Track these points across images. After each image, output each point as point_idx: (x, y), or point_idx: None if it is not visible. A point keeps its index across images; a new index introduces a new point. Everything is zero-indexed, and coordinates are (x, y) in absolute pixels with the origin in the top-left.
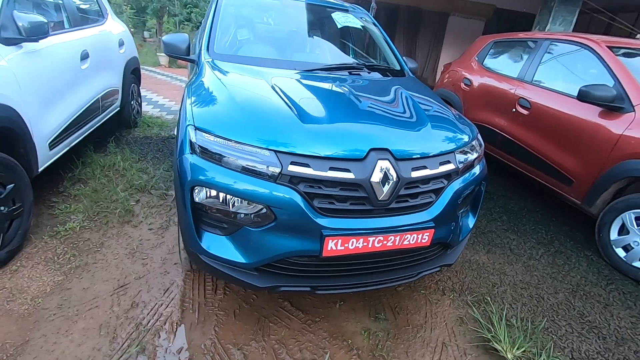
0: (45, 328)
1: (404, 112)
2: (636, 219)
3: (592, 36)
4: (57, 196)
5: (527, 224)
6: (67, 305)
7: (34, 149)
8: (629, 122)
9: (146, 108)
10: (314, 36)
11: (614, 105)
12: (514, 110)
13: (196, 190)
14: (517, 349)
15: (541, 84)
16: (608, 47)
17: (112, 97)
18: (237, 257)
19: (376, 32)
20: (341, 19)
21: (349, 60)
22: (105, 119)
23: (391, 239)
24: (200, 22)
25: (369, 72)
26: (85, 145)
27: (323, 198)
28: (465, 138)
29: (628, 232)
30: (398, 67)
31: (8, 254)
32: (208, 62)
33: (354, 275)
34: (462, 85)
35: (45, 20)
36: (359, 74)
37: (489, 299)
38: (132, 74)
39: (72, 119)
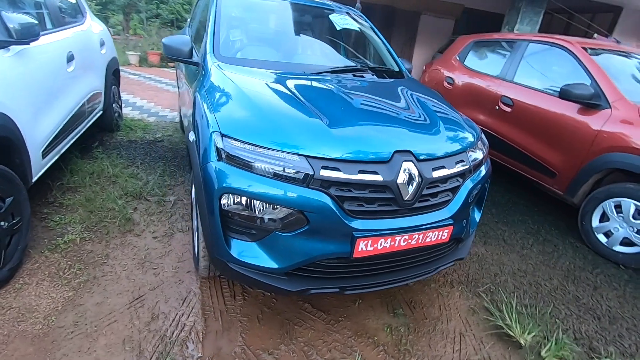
0: (66, 347)
1: (417, 114)
2: (615, 207)
3: (568, 37)
4: (47, 207)
5: (515, 215)
6: (83, 322)
7: (28, 159)
8: (606, 118)
9: (125, 110)
10: (315, 38)
11: (592, 103)
12: (497, 107)
13: (224, 198)
14: (528, 334)
15: (522, 83)
16: (583, 47)
17: (96, 100)
18: (268, 262)
19: (373, 33)
20: (339, 21)
21: (353, 62)
22: (90, 124)
23: (415, 237)
24: (172, 19)
25: (372, 74)
26: (71, 152)
27: (352, 200)
28: (473, 137)
29: (608, 220)
30: (397, 69)
31: (10, 271)
32: (216, 65)
33: (379, 274)
34: (445, 84)
35: (36, 21)
36: (362, 76)
37: (493, 288)
38: (113, 75)
39: (63, 124)
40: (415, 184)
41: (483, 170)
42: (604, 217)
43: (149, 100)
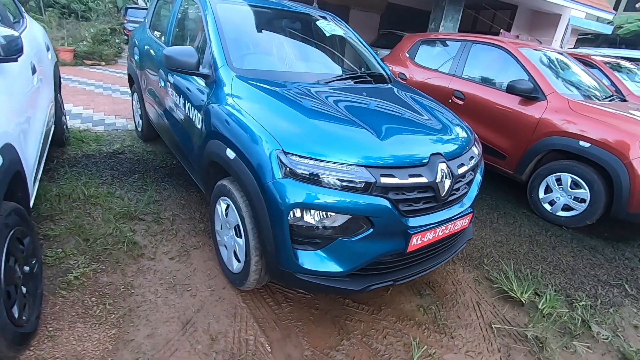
0: None
1: (430, 117)
2: (556, 180)
3: (505, 39)
4: None
5: None
6: (144, 357)
7: (26, 189)
8: (544, 108)
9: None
10: (312, 44)
11: (532, 96)
12: (450, 101)
13: (293, 212)
14: (525, 293)
15: (471, 79)
16: (519, 48)
17: (52, 113)
18: (333, 267)
19: (358, 39)
20: (327, 27)
21: (351, 68)
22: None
23: (449, 226)
24: (85, 14)
25: (370, 79)
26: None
27: (404, 202)
28: (471, 135)
29: (551, 191)
30: (385, 73)
31: (37, 319)
32: (236, 77)
33: (421, 262)
34: (398, 79)
35: (18, 34)
36: (366, 82)
37: (485, 260)
38: (58, 81)
39: (41, 143)
40: (449, 181)
41: (481, 161)
42: (547, 190)
43: (86, 106)
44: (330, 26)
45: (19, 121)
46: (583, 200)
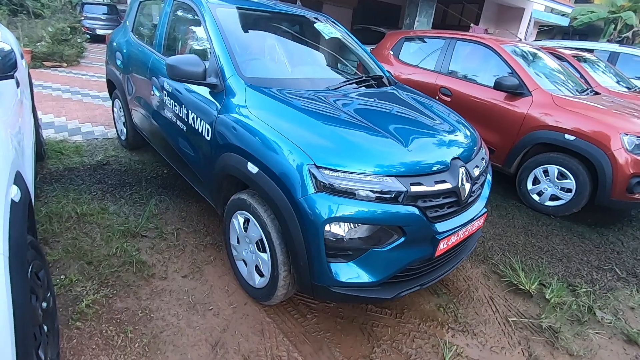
0: None
1: (441, 120)
2: (544, 172)
3: (488, 36)
4: None
5: None
6: None
7: (33, 217)
8: (529, 104)
9: None
10: (315, 49)
11: (517, 92)
12: (437, 97)
13: (328, 226)
14: (532, 283)
15: (457, 76)
16: (502, 46)
17: (33, 125)
18: (366, 278)
19: (354, 41)
20: (325, 30)
21: (355, 72)
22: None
23: (469, 228)
24: (38, 11)
25: (375, 83)
26: None
27: (431, 208)
28: (478, 136)
29: (539, 182)
30: (384, 75)
31: (58, 357)
32: (249, 87)
33: (443, 264)
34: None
35: (10, 47)
36: (372, 86)
37: (489, 254)
38: (32, 90)
39: (33, 163)
40: (469, 184)
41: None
42: (535, 181)
43: (57, 114)
44: (328, 28)
45: (17, 141)
46: (569, 190)
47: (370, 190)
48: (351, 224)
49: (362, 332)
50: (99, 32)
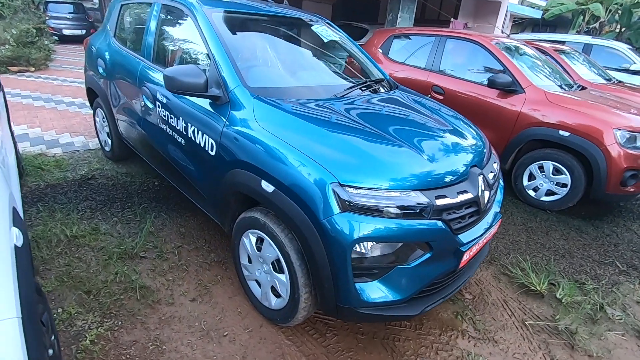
0: None
1: (451, 125)
2: (539, 168)
3: (478, 33)
4: None
5: None
6: None
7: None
8: (523, 101)
9: None
10: (314, 53)
11: (511, 89)
12: (429, 96)
13: (355, 247)
14: (542, 283)
15: (449, 73)
16: (493, 42)
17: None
18: (392, 296)
19: (352, 43)
20: (324, 32)
21: (357, 76)
22: None
23: (487, 235)
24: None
25: (378, 88)
26: None
27: (454, 220)
28: (485, 138)
29: (535, 178)
30: (384, 77)
31: None
32: (256, 99)
33: (463, 273)
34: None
35: None
36: (376, 90)
37: (495, 255)
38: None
39: (19, 188)
40: (488, 192)
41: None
42: (530, 177)
43: (30, 124)
44: (326, 31)
45: (3, 164)
46: (564, 185)
47: (397, 207)
48: (378, 243)
49: (385, 348)
50: (66, 32)
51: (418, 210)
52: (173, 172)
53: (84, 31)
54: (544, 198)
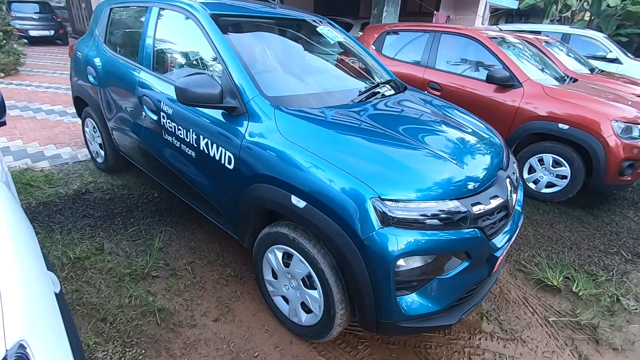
0: None
1: (472, 127)
2: (539, 161)
3: (473, 29)
4: None
5: None
6: None
7: None
8: (521, 95)
9: None
10: (324, 56)
11: (509, 84)
12: (426, 91)
13: (398, 262)
14: (558, 278)
15: (445, 69)
16: (488, 37)
17: None
18: (431, 307)
19: (356, 43)
20: (329, 33)
21: (367, 77)
22: None
23: (514, 236)
24: None
25: (390, 88)
26: None
27: (488, 226)
28: (501, 137)
29: (535, 171)
30: (392, 78)
31: None
32: (277, 109)
33: (492, 276)
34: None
35: None
36: (391, 93)
37: (508, 252)
38: None
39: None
40: (515, 195)
41: None
42: (530, 170)
43: (10, 136)
44: (331, 32)
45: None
46: (564, 177)
47: (437, 218)
48: (420, 256)
49: (418, 357)
50: (33, 33)
51: (457, 219)
52: (181, 185)
53: (52, 32)
54: (545, 190)
